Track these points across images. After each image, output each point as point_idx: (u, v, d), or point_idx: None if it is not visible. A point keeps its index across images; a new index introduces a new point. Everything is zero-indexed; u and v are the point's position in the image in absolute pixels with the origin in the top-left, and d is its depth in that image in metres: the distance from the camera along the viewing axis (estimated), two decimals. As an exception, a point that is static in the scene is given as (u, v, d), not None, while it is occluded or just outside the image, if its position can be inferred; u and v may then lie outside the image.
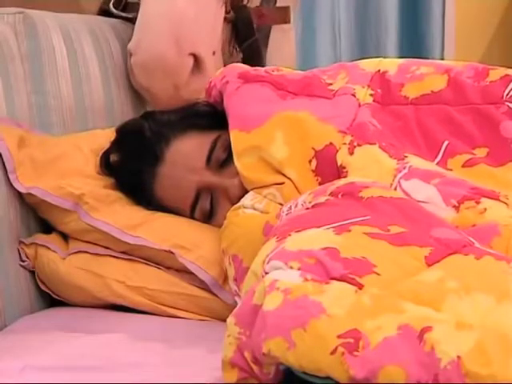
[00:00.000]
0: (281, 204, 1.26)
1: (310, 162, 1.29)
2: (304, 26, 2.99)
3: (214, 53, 1.69)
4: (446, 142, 1.28)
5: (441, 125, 1.29)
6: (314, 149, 1.29)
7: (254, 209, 1.27)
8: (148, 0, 1.65)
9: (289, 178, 1.28)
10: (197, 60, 1.64)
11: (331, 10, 3.09)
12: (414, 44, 3.12)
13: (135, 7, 1.75)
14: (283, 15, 1.93)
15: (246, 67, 1.48)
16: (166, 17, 1.61)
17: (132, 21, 1.83)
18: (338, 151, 1.28)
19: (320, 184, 1.27)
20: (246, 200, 1.29)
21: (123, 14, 1.81)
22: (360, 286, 0.91)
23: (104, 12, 1.87)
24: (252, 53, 1.80)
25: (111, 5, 1.80)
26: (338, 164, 1.26)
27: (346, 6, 3.11)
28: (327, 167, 1.28)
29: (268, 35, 1.96)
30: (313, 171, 1.29)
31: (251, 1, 1.82)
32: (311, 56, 3.01)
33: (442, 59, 2.99)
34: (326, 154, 1.28)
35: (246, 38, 1.79)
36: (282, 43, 2.00)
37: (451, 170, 1.25)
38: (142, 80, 1.66)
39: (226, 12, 1.74)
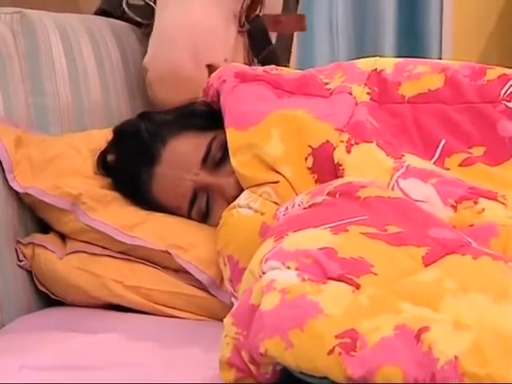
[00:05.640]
0: (276, 203, 1.26)
1: (306, 159, 1.29)
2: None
3: (225, 60, 1.68)
4: (442, 141, 1.28)
5: (438, 124, 1.29)
6: (310, 146, 1.29)
7: (249, 208, 1.27)
8: (163, 13, 1.64)
9: (284, 176, 1.28)
10: (211, 70, 1.61)
11: (329, 8, 3.08)
12: (411, 43, 3.12)
13: (139, 9, 1.75)
14: (300, 22, 1.92)
15: (243, 66, 1.48)
16: (182, 30, 1.60)
17: (140, 25, 1.82)
18: (335, 149, 1.28)
19: (316, 181, 1.27)
20: (241, 199, 1.29)
21: (136, 18, 1.79)
22: (357, 286, 0.91)
23: (102, 12, 1.86)
24: (270, 62, 1.78)
25: (125, 5, 1.78)
26: (335, 162, 1.26)
27: (344, 5, 3.11)
28: (324, 165, 1.28)
29: (291, 39, 1.96)
30: (309, 169, 1.28)
31: (274, 9, 1.82)
32: (309, 55, 3.01)
33: (440, 59, 2.99)
34: (323, 152, 1.28)
35: (262, 48, 1.78)
36: None
37: (448, 169, 1.25)
38: (158, 93, 1.65)
39: (241, 25, 1.74)
